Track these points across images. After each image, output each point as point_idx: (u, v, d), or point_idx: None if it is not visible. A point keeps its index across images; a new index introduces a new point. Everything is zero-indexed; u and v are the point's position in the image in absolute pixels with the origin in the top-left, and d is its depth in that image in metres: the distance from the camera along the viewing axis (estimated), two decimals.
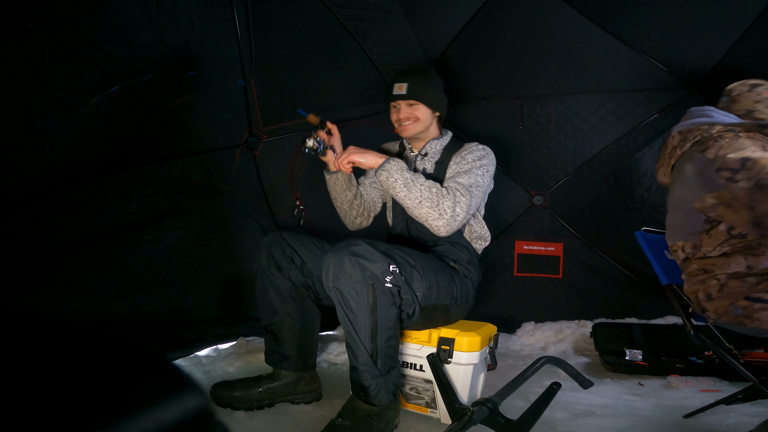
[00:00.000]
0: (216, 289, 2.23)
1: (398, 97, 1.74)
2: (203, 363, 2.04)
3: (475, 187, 1.61)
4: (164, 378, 0.33)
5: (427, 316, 1.52)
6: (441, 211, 1.54)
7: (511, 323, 2.73)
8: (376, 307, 1.37)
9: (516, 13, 2.34)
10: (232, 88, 2.08)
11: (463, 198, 1.56)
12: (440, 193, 1.56)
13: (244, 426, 1.51)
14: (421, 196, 1.54)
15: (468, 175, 1.63)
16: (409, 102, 1.75)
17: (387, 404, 1.42)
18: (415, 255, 1.52)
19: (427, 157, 1.80)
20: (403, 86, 1.74)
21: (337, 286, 1.37)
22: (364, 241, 1.40)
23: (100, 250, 1.86)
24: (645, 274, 2.53)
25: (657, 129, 2.49)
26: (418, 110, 1.75)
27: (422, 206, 1.54)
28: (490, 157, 1.72)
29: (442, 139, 1.82)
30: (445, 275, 1.58)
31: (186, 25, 1.81)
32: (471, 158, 1.68)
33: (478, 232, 1.79)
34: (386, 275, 1.37)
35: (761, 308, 1.36)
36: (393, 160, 1.60)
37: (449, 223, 1.54)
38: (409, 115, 1.75)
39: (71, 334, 0.35)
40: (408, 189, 1.55)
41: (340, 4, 2.15)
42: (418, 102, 1.74)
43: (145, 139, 1.94)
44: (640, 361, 2.21)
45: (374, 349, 1.39)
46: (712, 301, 1.48)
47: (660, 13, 2.18)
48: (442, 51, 2.54)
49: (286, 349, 1.66)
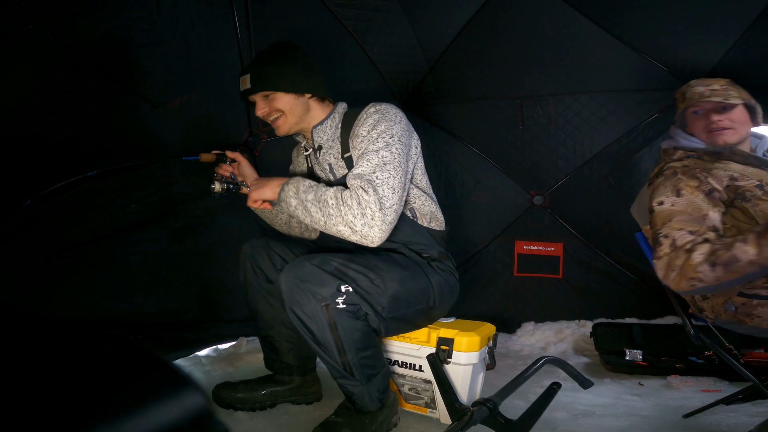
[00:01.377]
0: (216, 289, 2.23)
1: (246, 92, 1.47)
2: (203, 363, 2.04)
3: (380, 170, 1.31)
4: (164, 378, 0.33)
5: (401, 323, 1.46)
6: (349, 225, 1.28)
7: (511, 323, 2.73)
8: (336, 325, 1.29)
9: (516, 13, 2.34)
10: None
11: (367, 196, 1.28)
12: (340, 203, 1.29)
13: (245, 426, 1.51)
14: (323, 215, 1.31)
15: (366, 158, 1.34)
16: (264, 94, 1.47)
17: (374, 410, 1.40)
18: (376, 266, 1.36)
19: (324, 150, 1.54)
20: (246, 78, 1.45)
21: (292, 309, 1.31)
22: (312, 262, 1.29)
23: (100, 250, 1.86)
24: (645, 274, 2.53)
25: (657, 129, 2.49)
26: (279, 101, 1.46)
27: (330, 226, 1.31)
28: (388, 116, 1.40)
29: (327, 122, 1.52)
30: (416, 280, 1.44)
31: (186, 25, 1.81)
32: (364, 132, 1.39)
33: (428, 210, 1.54)
34: (337, 297, 1.27)
35: (759, 305, 1.36)
36: (288, 183, 1.38)
37: (367, 233, 1.28)
38: (270, 110, 1.47)
39: (71, 334, 0.35)
40: (308, 212, 1.33)
41: (340, 4, 2.15)
42: (273, 91, 1.46)
43: (145, 139, 1.93)
44: (640, 361, 2.21)
45: (346, 363, 1.33)
46: (708, 300, 1.48)
47: (660, 13, 2.17)
48: (442, 51, 2.53)
49: (286, 358, 1.64)
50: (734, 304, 1.41)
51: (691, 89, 1.60)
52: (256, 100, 1.49)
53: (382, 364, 1.44)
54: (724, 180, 1.44)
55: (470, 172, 2.77)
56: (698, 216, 1.36)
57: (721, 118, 1.51)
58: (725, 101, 1.50)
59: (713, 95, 1.52)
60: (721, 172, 1.46)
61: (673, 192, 1.43)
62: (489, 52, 2.50)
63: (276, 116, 1.49)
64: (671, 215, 1.39)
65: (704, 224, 1.34)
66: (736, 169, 1.47)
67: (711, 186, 1.43)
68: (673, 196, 1.42)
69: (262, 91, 1.46)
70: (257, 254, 1.58)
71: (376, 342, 1.43)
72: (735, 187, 1.41)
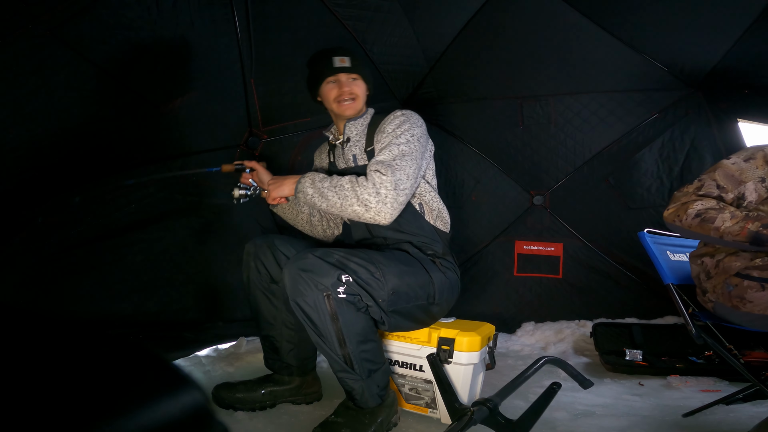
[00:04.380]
0: (216, 289, 2.23)
1: (340, 70, 1.60)
2: (203, 363, 2.04)
3: (399, 158, 1.46)
4: (164, 378, 0.34)
5: (402, 317, 1.47)
6: (364, 202, 1.41)
7: (511, 323, 2.73)
8: (337, 316, 1.32)
9: (516, 13, 2.34)
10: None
11: (384, 176, 1.41)
12: (355, 185, 1.43)
13: (244, 425, 1.51)
14: (339, 197, 1.44)
15: (388, 149, 1.49)
16: (352, 76, 1.63)
17: (374, 406, 1.41)
18: (377, 260, 1.42)
19: (351, 143, 1.66)
20: (346, 59, 1.61)
21: (295, 300, 1.35)
22: (315, 253, 1.35)
23: (100, 250, 1.86)
24: (645, 274, 2.53)
25: (657, 129, 2.49)
26: (359, 86, 1.64)
27: (345, 207, 1.43)
28: (411, 119, 1.57)
29: (361, 119, 1.67)
30: (416, 276, 1.48)
31: (186, 25, 1.81)
32: (390, 129, 1.55)
33: (436, 207, 1.64)
34: (338, 286, 1.31)
35: (749, 287, 1.40)
36: (305, 176, 1.51)
37: (380, 209, 1.40)
38: (351, 91, 1.61)
39: (71, 334, 0.35)
40: (324, 197, 1.45)
41: (340, 4, 2.15)
42: (360, 77, 1.64)
43: (145, 139, 1.94)
44: (640, 361, 2.21)
45: (346, 356, 1.36)
46: (711, 279, 1.51)
47: (660, 13, 2.17)
48: (442, 51, 2.53)
49: (287, 358, 1.64)
50: (731, 283, 1.45)
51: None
52: (342, 79, 1.61)
53: (383, 360, 1.46)
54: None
55: (470, 172, 2.78)
56: (737, 179, 1.49)
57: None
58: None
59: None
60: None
61: (744, 157, 1.52)
62: (489, 52, 2.50)
63: (351, 98, 1.62)
64: (722, 168, 1.52)
65: (736, 189, 1.48)
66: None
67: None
68: (740, 159, 1.52)
69: (357, 73, 1.63)
70: (261, 253, 1.59)
71: (377, 337, 1.45)
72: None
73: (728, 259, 1.48)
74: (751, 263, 1.43)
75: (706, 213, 1.43)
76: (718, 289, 1.49)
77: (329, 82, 1.63)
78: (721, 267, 1.49)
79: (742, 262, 1.45)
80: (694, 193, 1.50)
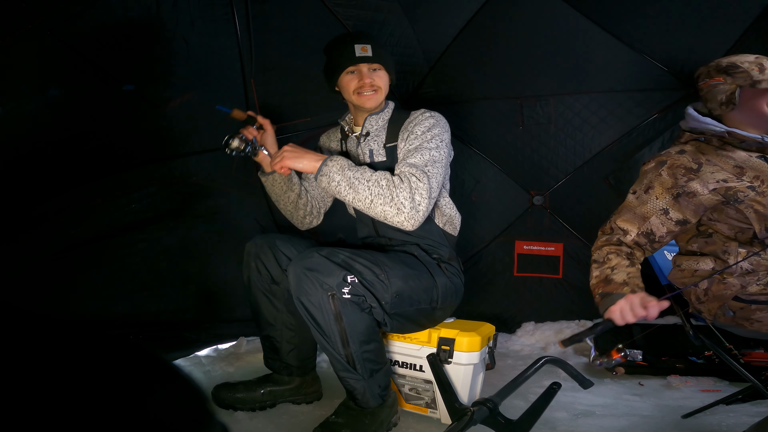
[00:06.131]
0: (216, 289, 2.23)
1: (362, 59, 1.52)
2: (203, 363, 2.04)
3: (431, 165, 1.42)
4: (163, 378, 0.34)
5: (405, 320, 1.47)
6: (398, 205, 1.35)
7: (511, 323, 2.73)
8: (341, 316, 1.32)
9: (516, 13, 2.34)
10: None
11: (420, 183, 1.37)
12: (391, 184, 1.36)
13: (244, 426, 1.51)
14: (371, 193, 1.36)
15: (420, 152, 1.43)
16: (373, 66, 1.55)
17: (375, 406, 1.41)
18: (382, 262, 1.39)
19: (370, 137, 1.60)
20: (368, 48, 1.52)
21: (299, 298, 1.34)
22: (320, 253, 1.33)
23: (100, 250, 1.86)
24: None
25: (657, 129, 2.48)
26: (381, 78, 1.56)
27: (375, 205, 1.36)
28: (441, 123, 1.53)
29: (382, 113, 1.60)
30: (421, 280, 1.46)
31: (186, 24, 1.81)
32: (420, 131, 1.48)
33: (448, 213, 1.63)
34: (343, 287, 1.30)
35: (757, 309, 1.35)
36: (332, 159, 1.40)
37: (412, 216, 1.36)
38: (372, 83, 1.54)
39: (71, 334, 0.35)
40: (354, 190, 1.37)
41: (341, 4, 2.15)
42: (382, 66, 1.56)
43: (145, 139, 1.93)
44: (640, 361, 2.21)
45: (349, 356, 1.36)
46: (703, 303, 1.48)
47: (660, 13, 2.18)
48: (442, 51, 2.53)
49: (287, 359, 1.64)
50: (732, 308, 1.41)
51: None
52: (363, 69, 1.54)
53: (385, 360, 1.46)
54: (710, 183, 1.38)
55: (470, 172, 2.77)
56: (640, 215, 1.46)
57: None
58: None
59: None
60: (717, 167, 1.39)
61: (645, 187, 1.48)
62: (489, 52, 2.50)
63: (372, 90, 1.55)
64: (625, 207, 1.50)
65: (642, 226, 1.46)
66: (740, 158, 1.39)
67: (688, 189, 1.39)
68: (641, 191, 1.48)
69: (379, 63, 1.55)
70: (262, 253, 1.57)
71: (380, 337, 1.44)
72: (725, 189, 1.37)
73: (716, 288, 1.42)
74: (746, 291, 1.37)
75: (595, 261, 1.50)
76: (713, 311, 1.46)
77: (349, 72, 1.54)
78: (710, 295, 1.44)
79: (732, 290, 1.38)
80: (600, 238, 1.54)
